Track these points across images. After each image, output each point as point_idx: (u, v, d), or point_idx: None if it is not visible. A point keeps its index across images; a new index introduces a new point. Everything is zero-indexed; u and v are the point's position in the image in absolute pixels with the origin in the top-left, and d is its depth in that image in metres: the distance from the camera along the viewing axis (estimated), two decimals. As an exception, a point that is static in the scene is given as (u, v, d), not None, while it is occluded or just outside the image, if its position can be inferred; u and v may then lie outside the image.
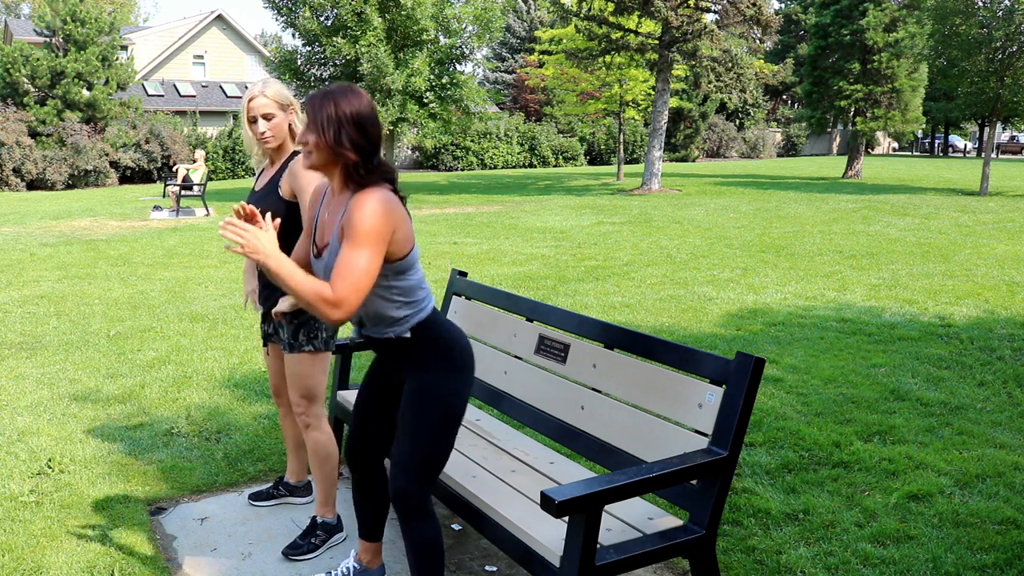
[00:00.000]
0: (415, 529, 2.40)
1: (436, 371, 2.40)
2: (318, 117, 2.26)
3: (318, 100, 2.29)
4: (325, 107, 2.26)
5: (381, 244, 2.22)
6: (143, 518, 3.36)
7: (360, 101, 2.30)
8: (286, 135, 3.04)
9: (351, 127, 2.26)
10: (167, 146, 27.12)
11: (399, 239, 2.29)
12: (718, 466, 2.32)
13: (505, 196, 20.08)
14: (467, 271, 4.71)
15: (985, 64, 18.27)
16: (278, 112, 2.99)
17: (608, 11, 20.52)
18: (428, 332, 2.40)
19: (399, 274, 2.34)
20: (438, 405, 2.38)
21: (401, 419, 2.43)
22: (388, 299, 2.36)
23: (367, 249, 2.19)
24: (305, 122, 2.31)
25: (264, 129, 2.98)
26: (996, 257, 9.83)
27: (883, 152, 52.59)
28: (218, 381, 5.21)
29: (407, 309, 2.38)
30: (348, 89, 2.31)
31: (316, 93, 2.32)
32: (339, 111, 2.26)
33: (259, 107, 2.97)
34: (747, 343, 6.00)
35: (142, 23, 58.29)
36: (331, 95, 2.28)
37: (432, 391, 2.39)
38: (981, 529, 3.21)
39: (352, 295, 2.17)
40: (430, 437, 2.38)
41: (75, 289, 8.41)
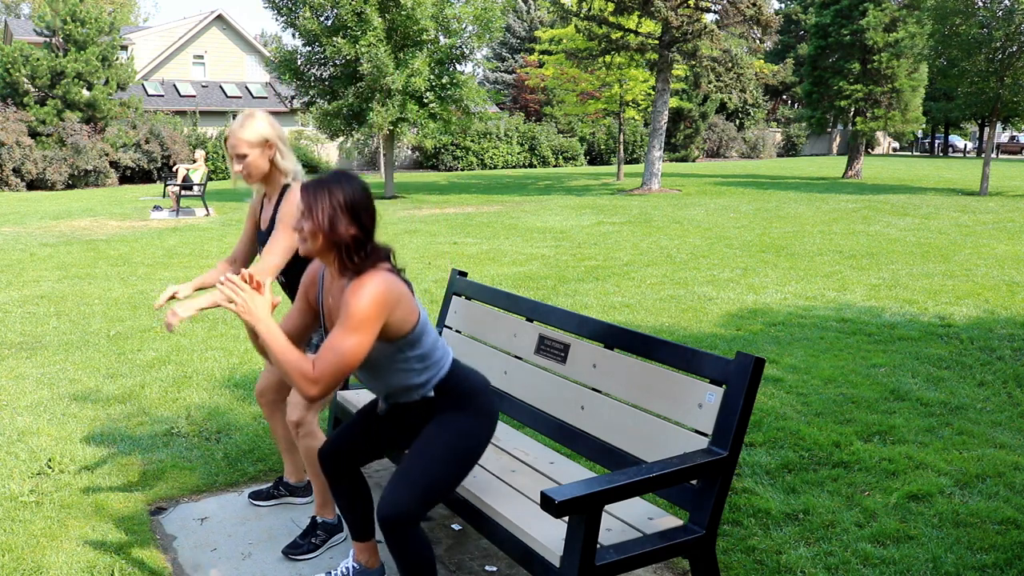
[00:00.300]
0: (404, 547, 2.37)
1: (459, 413, 2.48)
2: (312, 206, 2.31)
3: (312, 188, 2.33)
4: (319, 196, 2.31)
5: (370, 329, 2.26)
6: (143, 518, 3.36)
7: (353, 188, 2.34)
8: (266, 170, 3.05)
9: (345, 215, 2.30)
10: (167, 146, 27.12)
11: (400, 318, 2.34)
12: (718, 466, 2.32)
13: (505, 196, 20.08)
14: (467, 271, 4.71)
15: (985, 64, 18.27)
16: (251, 151, 3.00)
17: (608, 11, 20.52)
18: (450, 386, 2.48)
19: (411, 346, 2.41)
20: (457, 439, 2.44)
21: (417, 445, 2.45)
22: (408, 370, 2.44)
23: (355, 335, 2.24)
24: (300, 208, 2.34)
25: (239, 168, 3.02)
26: (996, 257, 9.83)
27: (883, 152, 52.59)
28: (218, 381, 5.21)
29: (428, 373, 2.46)
30: (342, 175, 2.36)
31: (310, 181, 2.36)
32: (332, 199, 2.30)
33: (232, 147, 3.01)
34: (747, 343, 6.00)
35: (142, 23, 58.30)
36: (324, 184, 2.33)
37: (453, 426, 2.45)
38: (981, 529, 3.21)
39: (331, 376, 2.22)
40: (442, 465, 2.40)
41: (75, 289, 8.42)
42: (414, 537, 2.36)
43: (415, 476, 2.37)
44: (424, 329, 2.43)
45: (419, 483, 2.36)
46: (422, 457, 2.40)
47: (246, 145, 2.99)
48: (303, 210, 2.32)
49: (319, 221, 2.29)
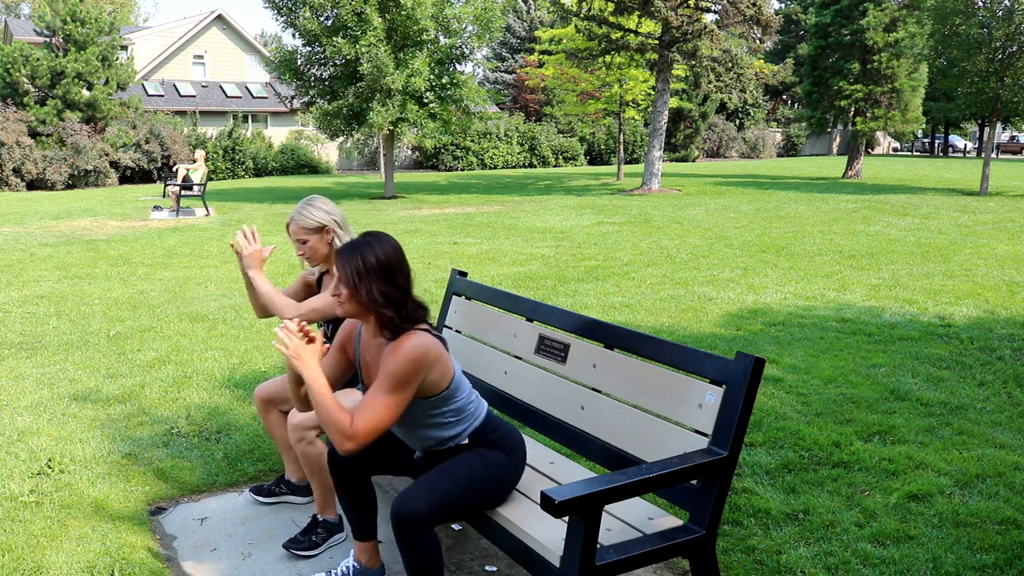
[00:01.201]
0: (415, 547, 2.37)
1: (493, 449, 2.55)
2: (346, 272, 2.38)
3: (345, 255, 2.40)
4: (352, 262, 2.37)
5: (408, 389, 2.34)
6: (143, 518, 3.36)
7: (384, 249, 2.40)
8: (326, 253, 3.22)
9: (379, 279, 2.36)
10: (167, 146, 27.12)
11: (436, 377, 2.41)
12: (718, 466, 2.32)
13: (505, 196, 20.08)
14: (467, 271, 4.71)
15: (985, 64, 18.27)
16: (310, 236, 3.17)
17: (608, 11, 20.52)
18: (485, 434, 2.55)
19: (446, 401, 2.48)
20: (486, 468, 2.50)
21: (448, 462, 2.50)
22: (442, 423, 2.51)
23: (393, 394, 2.31)
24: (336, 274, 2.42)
25: (301, 252, 3.19)
26: (996, 257, 9.83)
27: (883, 152, 52.60)
28: (218, 381, 5.21)
29: (462, 425, 2.53)
30: (372, 237, 2.42)
31: (344, 247, 2.43)
32: (365, 263, 2.36)
33: (292, 234, 3.19)
34: (747, 343, 6.00)
35: (142, 23, 58.30)
36: (356, 248, 2.40)
37: (486, 458, 2.52)
38: (981, 529, 3.21)
39: (367, 432, 2.28)
40: (466, 483, 2.44)
41: (75, 289, 8.41)
42: (426, 539, 2.36)
43: (435, 484, 2.41)
44: (459, 385, 2.51)
45: (437, 492, 2.39)
46: (450, 473, 2.45)
47: (304, 232, 3.16)
48: (338, 276, 2.39)
49: (352, 285, 2.37)
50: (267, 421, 3.39)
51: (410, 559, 2.37)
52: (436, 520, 2.38)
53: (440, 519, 2.40)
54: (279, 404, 3.34)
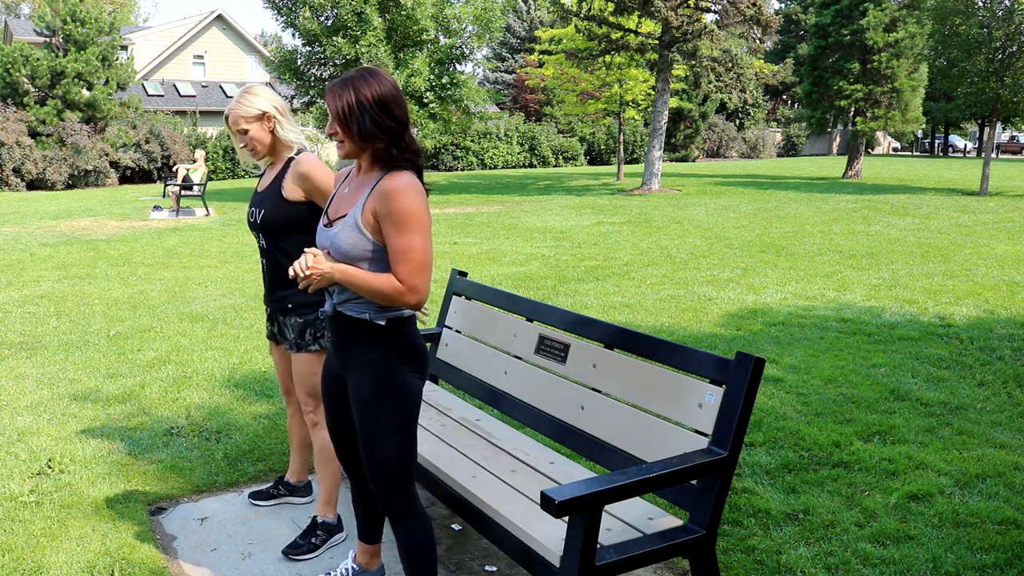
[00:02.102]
0: (406, 530, 2.40)
1: (395, 369, 2.33)
2: (340, 107, 2.23)
3: (337, 89, 2.25)
4: (345, 96, 2.23)
5: (426, 225, 2.24)
6: (143, 518, 3.36)
7: (380, 83, 2.25)
8: (270, 141, 3.05)
9: (376, 111, 2.22)
10: (167, 146, 27.12)
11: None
12: (718, 466, 2.32)
13: (505, 196, 20.08)
14: (467, 271, 4.71)
15: (985, 64, 18.27)
16: (250, 125, 3.01)
17: (608, 11, 20.52)
18: (401, 330, 2.34)
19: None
20: (400, 404, 2.32)
21: (362, 422, 2.35)
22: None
23: (417, 232, 2.22)
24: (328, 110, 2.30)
25: (243, 143, 3.03)
26: (996, 257, 9.83)
27: (883, 152, 52.60)
28: (218, 381, 5.21)
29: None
30: (367, 72, 2.28)
31: (335, 81, 2.28)
32: (360, 97, 2.22)
33: (232, 124, 3.03)
34: (747, 343, 6.00)
35: (142, 23, 58.30)
36: (349, 81, 2.24)
37: (392, 390, 2.32)
38: (981, 529, 3.21)
39: (419, 279, 2.22)
40: (396, 437, 2.34)
41: (75, 289, 8.41)
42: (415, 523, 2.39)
43: (381, 461, 2.35)
44: None
45: (389, 466, 2.35)
46: (375, 440, 2.33)
47: (244, 121, 2.99)
48: (332, 112, 2.26)
49: (344, 120, 2.23)
50: (292, 418, 3.41)
51: (403, 543, 2.40)
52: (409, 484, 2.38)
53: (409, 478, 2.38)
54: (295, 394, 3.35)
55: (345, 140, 2.27)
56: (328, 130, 2.31)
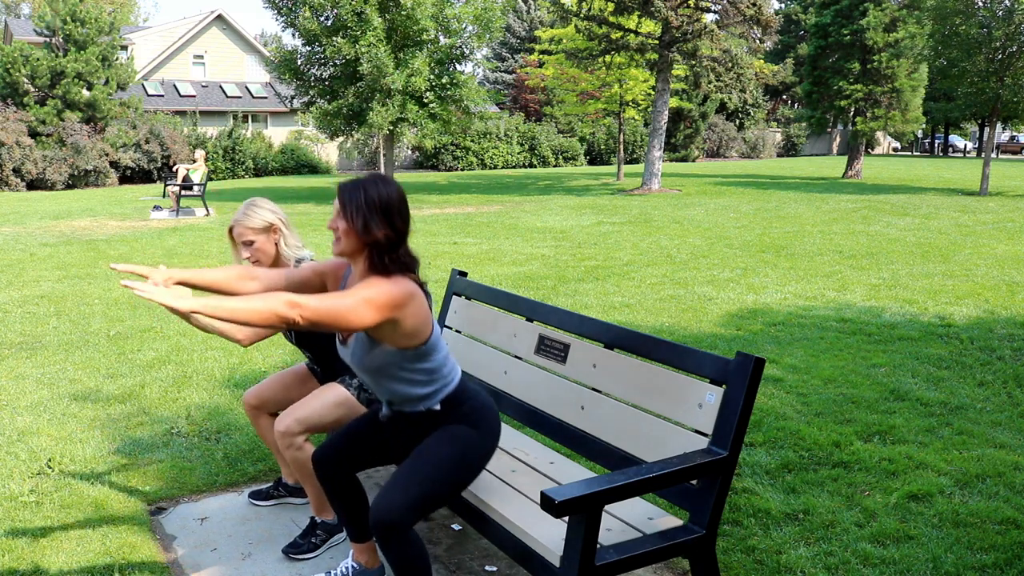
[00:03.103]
0: (396, 552, 2.36)
1: (463, 426, 2.47)
2: (347, 205, 2.32)
3: (348, 188, 2.35)
4: (354, 195, 2.32)
5: (374, 309, 2.22)
6: (143, 518, 3.36)
7: (388, 189, 2.35)
8: (274, 255, 3.15)
9: (379, 215, 2.31)
10: (167, 146, 27.12)
11: (413, 326, 2.34)
12: (718, 466, 2.32)
13: (505, 196, 20.08)
14: (467, 271, 4.71)
15: (985, 64, 18.27)
16: (257, 237, 3.11)
17: (608, 11, 20.52)
18: (457, 403, 2.47)
19: (420, 358, 2.41)
20: (457, 450, 2.42)
21: (418, 450, 2.44)
22: (413, 381, 2.43)
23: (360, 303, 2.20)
24: (335, 208, 2.37)
25: (247, 255, 3.12)
26: (996, 257, 9.83)
27: (883, 152, 52.59)
28: (218, 381, 5.21)
29: (434, 386, 2.46)
30: (378, 177, 2.38)
31: (346, 182, 2.37)
32: (367, 198, 2.31)
33: (238, 236, 3.11)
34: (747, 343, 6.00)
35: (142, 23, 58.29)
36: (360, 183, 2.35)
37: (456, 438, 2.44)
38: (981, 529, 3.21)
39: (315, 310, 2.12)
40: (439, 473, 2.38)
41: (75, 289, 8.41)
42: (406, 542, 2.35)
43: (411, 482, 2.35)
44: (436, 346, 2.44)
45: (414, 490, 2.34)
46: (420, 463, 2.39)
47: (252, 232, 3.10)
48: (338, 208, 2.34)
49: (352, 220, 2.31)
50: (258, 426, 3.38)
51: (395, 562, 2.37)
52: (416, 518, 2.36)
53: (420, 515, 2.38)
54: (269, 407, 3.34)
55: (343, 237, 2.34)
56: (330, 224, 2.38)
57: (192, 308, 1.99)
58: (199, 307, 2.00)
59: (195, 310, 2.00)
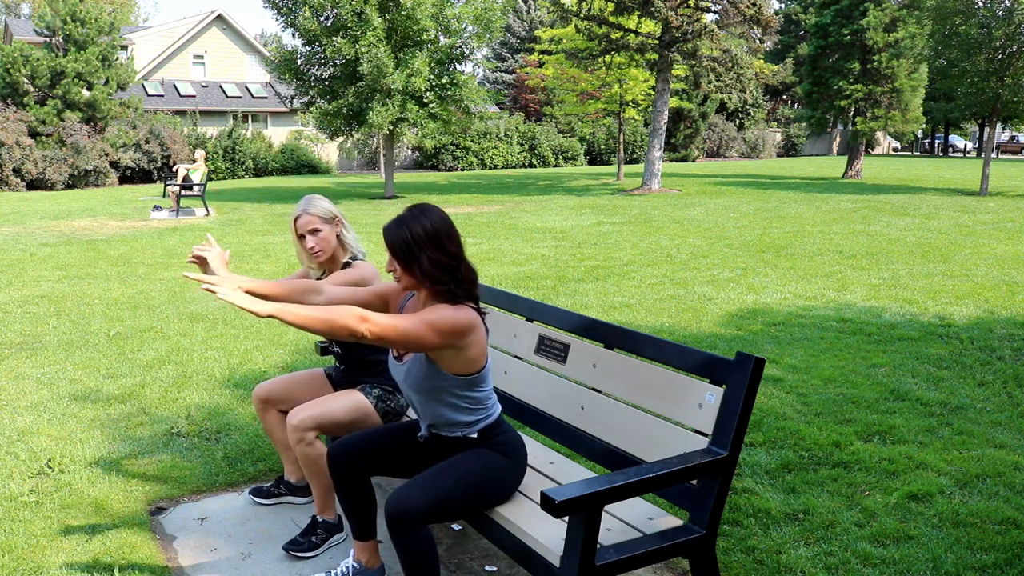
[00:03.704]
0: (408, 545, 2.37)
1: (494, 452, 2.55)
2: (396, 246, 2.40)
3: (393, 230, 2.41)
4: (400, 235, 2.39)
5: (436, 334, 2.32)
6: (143, 518, 3.36)
7: (431, 219, 2.42)
8: (335, 246, 3.20)
9: (429, 247, 2.38)
10: (167, 146, 27.12)
11: (470, 356, 2.43)
12: (718, 466, 2.32)
13: (505, 196, 20.08)
14: (467, 271, 4.70)
15: (985, 64, 18.27)
16: (323, 226, 3.16)
17: (608, 11, 20.52)
18: (493, 436, 2.56)
19: (472, 386, 2.50)
20: (484, 470, 2.50)
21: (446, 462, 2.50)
22: (459, 408, 2.52)
23: (421, 326, 2.29)
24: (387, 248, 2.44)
25: (312, 244, 3.14)
26: (996, 257, 9.83)
27: (883, 152, 52.59)
28: (218, 381, 5.21)
29: (476, 415, 2.54)
30: (418, 210, 2.44)
31: (390, 223, 2.44)
32: (413, 235, 2.38)
33: (305, 224, 3.15)
34: (747, 343, 6.00)
35: (142, 23, 58.29)
36: (402, 221, 2.41)
37: (485, 460, 2.52)
38: (981, 529, 3.21)
39: (382, 326, 2.22)
40: (462, 484, 2.44)
41: (75, 289, 8.41)
42: (419, 537, 2.36)
43: (433, 484, 2.40)
44: (486, 377, 2.53)
45: (433, 491, 2.38)
46: (445, 471, 2.45)
47: (319, 221, 3.15)
48: (390, 250, 2.42)
49: (404, 258, 2.39)
50: (265, 421, 3.38)
51: (404, 556, 2.38)
52: (430, 519, 2.37)
53: (434, 518, 2.39)
54: (277, 404, 3.34)
55: (403, 276, 2.44)
56: (388, 267, 2.46)
57: (270, 312, 2.11)
58: (275, 311, 2.12)
59: (272, 314, 2.11)
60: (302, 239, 3.17)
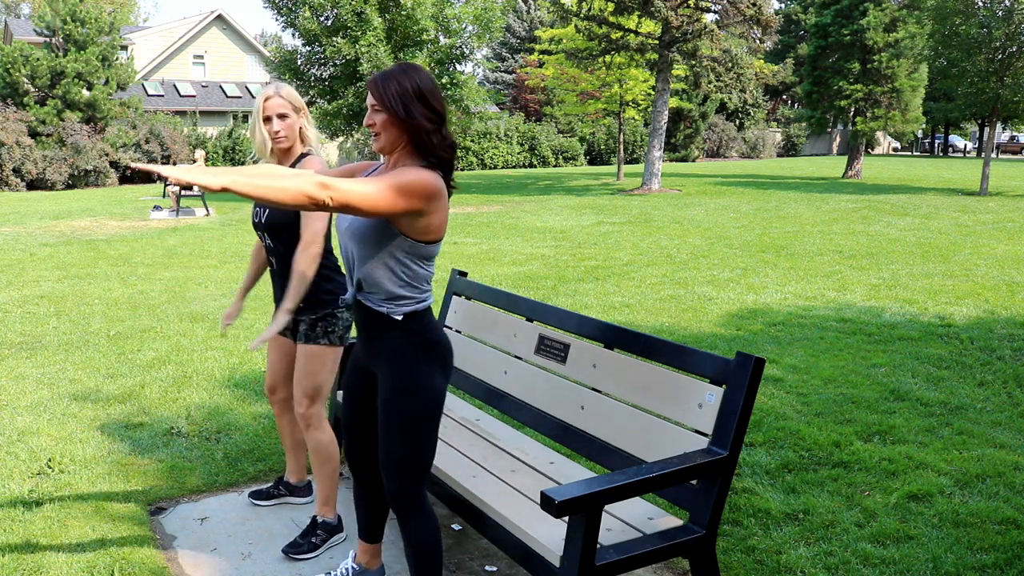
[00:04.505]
0: (414, 530, 2.41)
1: (416, 365, 2.36)
2: (385, 95, 2.28)
3: (380, 80, 2.31)
4: (389, 85, 2.28)
5: (403, 196, 2.17)
6: (143, 518, 3.36)
7: (420, 75, 2.32)
8: (297, 137, 3.11)
9: (418, 101, 2.28)
10: (167, 146, 27.12)
11: (428, 223, 2.26)
12: (718, 466, 2.32)
13: (505, 196, 20.08)
14: (467, 271, 4.70)
15: (985, 64, 18.27)
16: (291, 113, 3.08)
17: (608, 11, 20.52)
18: (417, 324, 2.37)
19: (417, 255, 2.32)
20: (418, 402, 2.35)
21: (383, 417, 2.39)
22: (395, 274, 2.32)
23: (387, 189, 2.14)
24: (369, 103, 2.32)
25: (279, 128, 3.04)
26: (996, 257, 9.83)
27: (883, 152, 52.59)
28: (218, 381, 5.21)
29: (407, 291, 2.34)
30: (408, 67, 2.35)
31: (376, 75, 2.34)
32: (401, 86, 2.28)
33: (274, 107, 3.04)
34: (747, 343, 6.00)
35: (142, 23, 58.28)
36: (392, 75, 2.31)
37: (412, 387, 2.35)
38: (981, 529, 3.21)
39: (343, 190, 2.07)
40: (414, 435, 2.36)
41: (75, 289, 8.41)
42: (423, 521, 2.40)
43: (398, 459, 2.37)
44: (434, 253, 2.37)
45: (405, 464, 2.37)
46: (394, 436, 2.36)
47: (290, 107, 3.07)
48: (373, 103, 2.30)
49: (393, 108, 2.26)
50: (280, 418, 3.39)
51: (409, 540, 2.41)
52: (422, 484, 2.40)
53: (423, 479, 2.41)
54: (285, 389, 3.33)
55: (383, 132, 2.30)
56: (367, 120, 2.34)
57: (223, 184, 1.97)
58: (229, 183, 1.98)
59: (225, 186, 1.97)
60: (268, 121, 3.04)
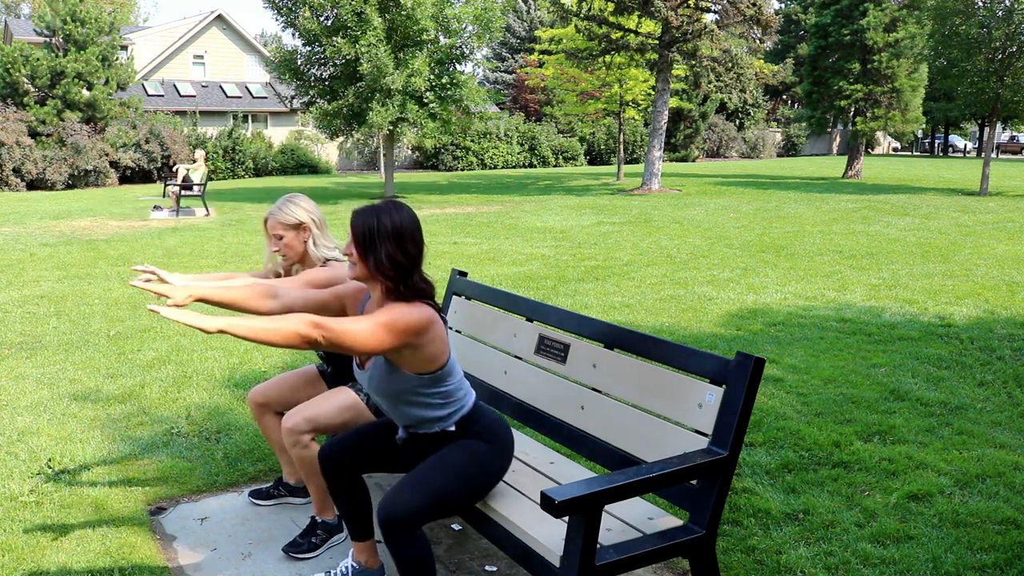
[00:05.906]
0: (402, 550, 2.37)
1: (478, 441, 2.53)
2: (359, 232, 2.37)
3: (360, 216, 2.39)
4: (366, 222, 2.36)
5: (390, 335, 2.27)
6: (143, 518, 3.36)
7: (400, 215, 2.39)
8: (302, 252, 3.18)
9: (390, 242, 2.35)
10: (167, 146, 27.11)
11: (430, 355, 2.39)
12: (718, 466, 2.32)
13: (505, 196, 20.07)
14: (467, 271, 4.70)
15: (985, 64, 18.27)
16: (287, 233, 3.14)
17: (608, 11, 20.52)
18: (472, 425, 2.53)
19: (437, 383, 2.46)
20: (471, 462, 2.48)
21: (432, 459, 2.49)
22: (429, 405, 2.48)
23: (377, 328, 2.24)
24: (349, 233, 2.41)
25: (276, 248, 3.16)
26: (996, 257, 9.83)
27: (883, 152, 52.58)
28: (218, 381, 5.21)
29: (449, 408, 2.51)
30: (391, 204, 2.42)
31: (360, 208, 2.42)
32: (379, 225, 2.35)
33: (270, 228, 3.17)
34: (747, 343, 6.00)
35: (142, 23, 58.27)
36: (373, 210, 2.39)
37: (471, 451, 2.50)
38: (981, 529, 3.21)
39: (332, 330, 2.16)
40: (451, 480, 2.43)
41: (75, 289, 8.41)
42: (413, 541, 2.36)
43: (422, 484, 2.39)
44: (452, 370, 2.49)
45: (424, 491, 2.38)
46: (433, 469, 2.44)
47: (282, 228, 3.14)
48: (352, 234, 2.38)
49: (362, 245, 2.36)
50: (262, 424, 3.38)
51: (399, 561, 2.38)
52: (423, 520, 2.38)
53: (427, 518, 2.39)
54: (274, 406, 3.33)
55: (358, 263, 2.40)
56: (345, 250, 2.43)
57: (219, 328, 2.05)
58: (225, 326, 2.06)
59: (222, 329, 2.05)
60: (270, 239, 3.19)
